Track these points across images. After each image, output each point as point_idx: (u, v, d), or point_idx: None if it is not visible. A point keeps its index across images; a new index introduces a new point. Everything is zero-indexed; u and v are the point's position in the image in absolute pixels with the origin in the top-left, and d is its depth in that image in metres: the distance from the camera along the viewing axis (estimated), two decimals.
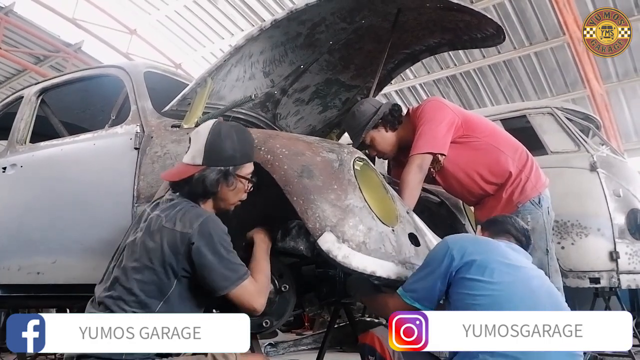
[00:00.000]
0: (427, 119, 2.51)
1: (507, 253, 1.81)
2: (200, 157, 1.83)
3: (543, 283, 1.78)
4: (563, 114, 4.39)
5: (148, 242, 1.72)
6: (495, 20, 2.73)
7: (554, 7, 9.12)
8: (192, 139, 1.89)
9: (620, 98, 10.89)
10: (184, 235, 1.68)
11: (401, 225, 2.02)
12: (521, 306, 1.61)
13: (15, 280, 2.96)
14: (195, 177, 1.81)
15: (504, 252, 1.80)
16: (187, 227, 1.70)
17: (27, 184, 3.11)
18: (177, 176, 1.85)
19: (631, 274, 3.89)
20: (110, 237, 2.56)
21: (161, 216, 1.76)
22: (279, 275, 2.06)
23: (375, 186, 2.09)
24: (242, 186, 1.89)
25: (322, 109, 3.51)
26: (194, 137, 1.88)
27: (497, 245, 1.83)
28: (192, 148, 1.87)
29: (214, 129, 1.86)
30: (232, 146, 1.85)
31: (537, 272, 1.83)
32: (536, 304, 1.64)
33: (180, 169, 1.87)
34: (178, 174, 1.86)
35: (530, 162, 2.55)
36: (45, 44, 12.59)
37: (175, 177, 1.86)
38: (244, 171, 1.89)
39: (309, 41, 2.82)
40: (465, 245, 1.77)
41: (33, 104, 3.44)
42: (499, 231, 2.01)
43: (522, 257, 1.87)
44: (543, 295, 1.70)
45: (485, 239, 1.90)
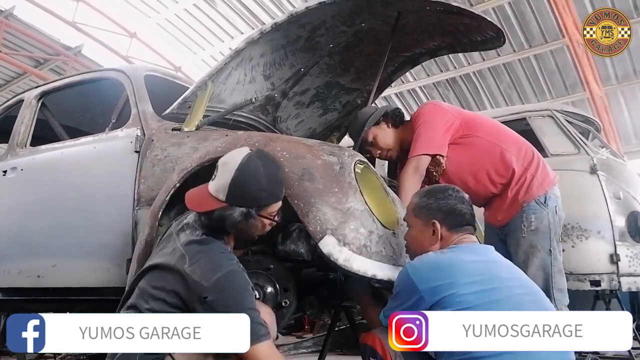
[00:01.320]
0: (424, 122, 2.50)
1: (477, 268, 1.69)
2: (224, 194, 1.74)
3: (523, 287, 1.72)
4: (563, 117, 4.39)
5: (167, 277, 1.69)
6: (494, 23, 2.73)
7: (553, 10, 9.14)
8: (220, 169, 1.78)
9: (619, 100, 10.90)
10: (200, 287, 1.62)
11: (402, 229, 2.02)
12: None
13: (15, 284, 2.96)
14: (216, 213, 1.75)
15: (473, 270, 1.67)
16: (205, 278, 1.63)
17: (28, 188, 3.11)
18: (200, 207, 1.79)
19: (632, 276, 3.88)
20: (110, 241, 2.56)
21: (186, 257, 1.69)
22: (284, 289, 2.05)
23: (376, 189, 2.09)
24: (264, 224, 1.84)
25: (323, 111, 3.51)
26: (221, 168, 1.78)
27: (463, 265, 1.68)
28: (218, 180, 1.77)
29: (243, 165, 1.75)
30: (258, 187, 1.76)
31: (512, 274, 1.77)
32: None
33: (203, 199, 1.78)
34: (200, 205, 1.79)
35: (537, 160, 2.49)
36: (46, 47, 12.60)
37: (197, 208, 1.80)
38: (269, 210, 1.82)
39: (309, 44, 2.82)
40: (430, 278, 1.65)
41: (33, 107, 3.45)
42: (458, 225, 1.86)
43: (490, 260, 1.77)
44: (526, 302, 1.66)
45: (448, 260, 1.72)
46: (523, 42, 10.17)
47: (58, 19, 13.02)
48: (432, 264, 1.71)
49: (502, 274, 1.72)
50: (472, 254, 1.77)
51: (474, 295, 1.60)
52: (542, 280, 2.34)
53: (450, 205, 1.88)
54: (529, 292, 1.72)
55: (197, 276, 1.63)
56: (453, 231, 1.85)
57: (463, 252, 1.77)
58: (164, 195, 2.19)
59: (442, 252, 1.79)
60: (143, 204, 2.45)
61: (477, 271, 1.68)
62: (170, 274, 1.68)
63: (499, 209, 2.51)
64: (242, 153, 1.79)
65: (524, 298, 1.67)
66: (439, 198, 1.89)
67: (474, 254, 1.78)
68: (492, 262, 1.78)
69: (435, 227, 1.85)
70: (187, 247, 1.73)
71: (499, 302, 1.61)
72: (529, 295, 1.70)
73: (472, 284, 1.62)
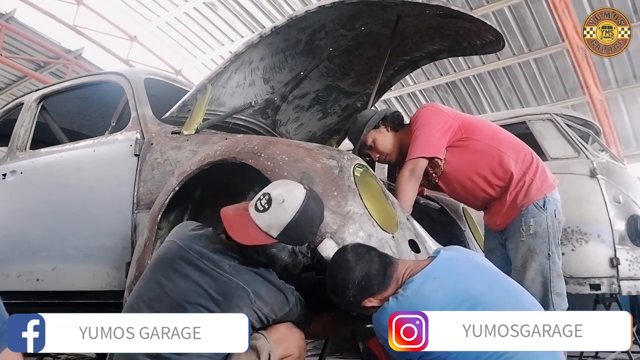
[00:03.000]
0: (421, 124, 2.50)
1: (445, 293, 1.62)
2: (277, 231, 1.68)
3: (505, 290, 1.70)
4: (562, 120, 4.39)
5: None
6: (494, 27, 2.73)
7: (553, 14, 9.15)
8: (274, 205, 1.69)
9: (619, 104, 10.91)
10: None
11: (401, 232, 2.02)
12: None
13: (15, 287, 2.95)
14: (266, 251, 1.71)
15: (440, 299, 1.61)
16: (274, 312, 1.74)
17: (27, 191, 3.10)
18: (248, 241, 1.70)
19: (632, 280, 3.88)
20: (109, 244, 2.56)
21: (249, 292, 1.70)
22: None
23: (376, 193, 2.09)
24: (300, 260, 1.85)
25: (322, 115, 3.51)
26: (277, 205, 1.69)
27: (430, 300, 1.61)
28: (273, 215, 1.69)
29: (304, 208, 1.70)
30: (311, 229, 1.77)
31: (484, 277, 1.71)
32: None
33: (251, 233, 1.69)
34: (248, 238, 1.69)
35: (536, 163, 2.48)
36: (46, 51, 12.61)
37: (246, 241, 1.70)
38: (303, 246, 1.86)
39: (309, 48, 2.82)
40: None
41: (33, 110, 3.45)
42: (385, 282, 1.72)
43: (456, 275, 1.69)
44: (507, 304, 1.63)
45: (413, 303, 1.61)
46: (523, 46, 10.18)
47: (58, 22, 13.04)
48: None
49: (473, 284, 1.66)
50: (431, 281, 1.67)
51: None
52: (540, 284, 2.33)
53: (359, 276, 1.71)
54: (507, 294, 1.69)
55: (268, 309, 1.71)
56: (386, 288, 1.72)
57: (423, 284, 1.67)
58: (163, 199, 2.19)
59: (402, 296, 1.66)
60: (142, 207, 2.44)
61: (448, 298, 1.61)
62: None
63: (497, 213, 2.50)
64: (301, 192, 1.73)
65: (505, 301, 1.64)
66: (347, 288, 1.72)
67: (433, 279, 1.68)
68: (457, 276, 1.69)
69: (369, 303, 1.73)
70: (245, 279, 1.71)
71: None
72: (509, 297, 1.67)
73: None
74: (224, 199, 1.89)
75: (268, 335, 1.70)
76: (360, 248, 1.76)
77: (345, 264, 1.71)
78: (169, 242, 1.86)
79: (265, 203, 1.70)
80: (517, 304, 1.64)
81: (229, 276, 1.70)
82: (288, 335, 1.76)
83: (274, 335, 1.71)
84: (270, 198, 1.71)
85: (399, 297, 1.66)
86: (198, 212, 2.33)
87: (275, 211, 1.69)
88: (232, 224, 1.73)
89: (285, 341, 1.74)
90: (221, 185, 2.29)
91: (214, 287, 1.68)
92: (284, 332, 1.75)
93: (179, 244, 1.80)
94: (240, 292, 1.68)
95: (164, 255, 1.82)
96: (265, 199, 1.71)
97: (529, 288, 2.22)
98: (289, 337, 1.76)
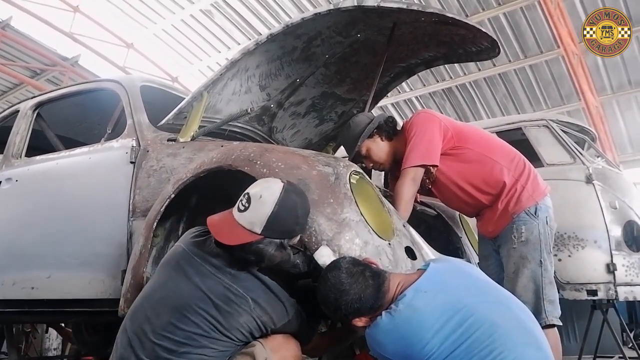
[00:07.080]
0: (417, 132, 2.49)
1: (437, 307, 1.59)
2: (260, 227, 1.70)
3: (496, 299, 1.68)
4: (558, 127, 4.40)
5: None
6: (490, 34, 2.74)
7: (548, 21, 9.20)
8: (253, 202, 1.72)
9: (615, 110, 10.96)
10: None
11: (397, 239, 2.01)
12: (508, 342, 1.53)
13: (9, 295, 2.93)
14: (253, 247, 1.71)
15: (434, 315, 1.58)
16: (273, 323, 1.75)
17: (23, 198, 3.09)
18: (234, 241, 1.71)
19: (628, 285, 3.88)
20: (105, 252, 2.55)
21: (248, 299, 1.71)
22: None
23: (372, 200, 2.09)
24: (290, 254, 1.85)
25: (319, 122, 3.52)
26: (256, 202, 1.71)
27: (423, 317, 1.59)
28: (252, 212, 1.71)
29: (283, 200, 1.72)
30: (295, 220, 1.76)
31: (475, 288, 1.69)
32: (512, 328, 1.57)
33: (237, 233, 1.71)
34: (234, 238, 1.71)
35: (528, 170, 2.49)
36: (42, 58, 12.62)
37: (231, 242, 1.71)
38: (293, 240, 1.84)
39: (305, 55, 2.83)
40: (398, 350, 1.59)
41: (29, 117, 3.44)
42: (377, 303, 1.70)
43: (448, 288, 1.65)
44: (502, 311, 1.62)
45: (407, 320, 1.60)
46: (518, 52, 10.24)
47: (55, 29, 13.08)
48: (393, 335, 1.60)
49: (463, 295, 1.63)
50: (421, 295, 1.64)
51: (451, 340, 1.53)
52: (532, 291, 2.32)
53: (352, 300, 1.68)
54: (498, 303, 1.67)
55: (267, 318, 1.71)
56: (377, 309, 1.69)
57: (414, 299, 1.64)
58: (159, 206, 2.19)
59: (395, 312, 1.63)
60: (138, 214, 2.44)
61: (439, 311, 1.58)
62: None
63: (489, 221, 2.51)
64: (278, 186, 1.75)
65: (496, 310, 1.62)
66: (339, 308, 1.71)
67: (424, 293, 1.65)
68: (447, 289, 1.66)
69: (360, 322, 1.73)
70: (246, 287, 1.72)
71: (475, 325, 1.54)
72: (500, 306, 1.65)
73: (441, 329, 1.55)
74: (220, 206, 1.88)
75: (265, 343, 1.70)
76: (355, 267, 1.72)
77: (339, 285, 1.69)
78: (175, 246, 1.89)
79: (245, 202, 1.73)
80: (508, 313, 1.63)
81: (229, 282, 1.71)
82: (285, 344, 1.75)
83: (270, 343, 1.70)
84: (249, 196, 1.74)
85: (392, 312, 1.64)
86: (194, 219, 2.32)
87: (255, 207, 1.71)
88: (219, 229, 1.75)
89: (282, 349, 1.73)
90: (217, 193, 2.28)
91: (215, 292, 1.69)
92: (281, 341, 1.75)
93: (184, 248, 1.83)
94: (239, 299, 1.68)
95: (170, 258, 1.85)
96: (245, 199, 1.74)
97: (521, 296, 2.22)
98: (286, 346, 1.75)
